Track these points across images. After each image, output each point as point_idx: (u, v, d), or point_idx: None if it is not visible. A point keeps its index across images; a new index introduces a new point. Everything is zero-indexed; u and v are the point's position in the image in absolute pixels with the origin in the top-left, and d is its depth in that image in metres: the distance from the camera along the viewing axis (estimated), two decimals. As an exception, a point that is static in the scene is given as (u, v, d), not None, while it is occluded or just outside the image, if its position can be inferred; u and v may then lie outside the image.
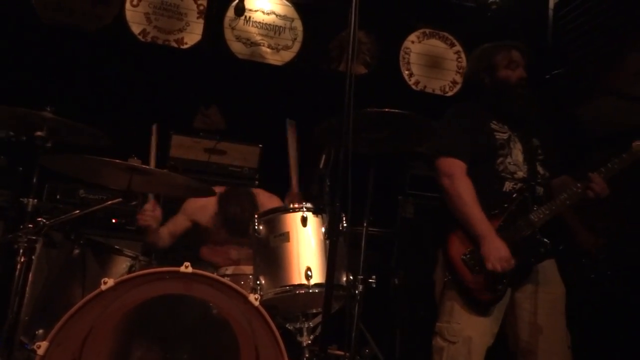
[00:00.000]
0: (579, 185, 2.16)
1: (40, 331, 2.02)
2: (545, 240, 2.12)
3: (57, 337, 1.53)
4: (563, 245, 2.64)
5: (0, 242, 2.78)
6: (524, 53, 2.32)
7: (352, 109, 1.57)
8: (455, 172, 2.20)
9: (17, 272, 1.96)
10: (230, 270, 2.39)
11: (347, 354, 2.05)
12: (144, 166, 1.91)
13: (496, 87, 2.29)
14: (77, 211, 2.04)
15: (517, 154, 2.25)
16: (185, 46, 4.05)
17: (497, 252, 2.05)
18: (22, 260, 1.97)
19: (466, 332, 2.10)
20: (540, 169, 2.27)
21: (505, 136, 2.26)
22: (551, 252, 2.19)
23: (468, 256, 2.14)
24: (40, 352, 1.50)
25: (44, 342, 1.51)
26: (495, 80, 2.29)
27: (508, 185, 2.21)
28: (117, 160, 1.89)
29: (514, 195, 2.18)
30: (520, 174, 2.22)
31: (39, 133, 2.10)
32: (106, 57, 3.86)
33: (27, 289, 1.96)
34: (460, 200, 2.16)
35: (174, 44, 4.04)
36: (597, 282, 2.99)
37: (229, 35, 4.14)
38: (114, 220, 3.44)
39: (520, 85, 2.26)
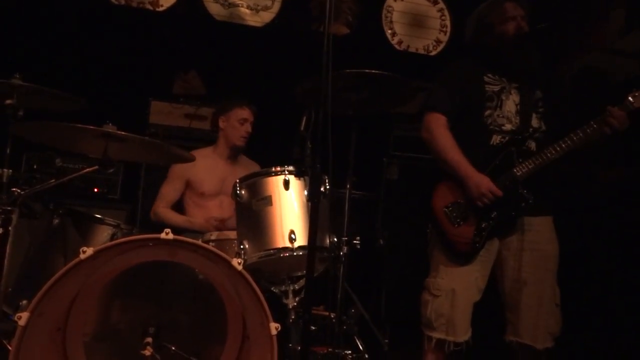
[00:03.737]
0: (591, 123, 2.07)
1: (24, 302, 1.97)
2: (527, 194, 2.12)
3: (39, 308, 1.51)
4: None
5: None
6: (518, 2, 2.25)
7: (330, 70, 1.53)
8: (433, 124, 2.23)
9: (-5, 244, 1.93)
10: (214, 235, 2.39)
11: (333, 315, 2.08)
12: (119, 132, 1.85)
13: (494, 44, 2.25)
14: (53, 180, 1.99)
15: (511, 105, 2.22)
16: (160, 9, 3.90)
17: (477, 189, 2.10)
18: (-1, 231, 1.94)
19: (450, 285, 2.14)
20: (535, 122, 2.23)
21: (496, 88, 2.24)
22: (546, 210, 2.20)
23: (450, 208, 2.17)
24: (22, 322, 1.48)
25: (25, 312, 1.50)
26: (493, 38, 2.25)
27: (496, 139, 2.20)
28: (91, 127, 1.83)
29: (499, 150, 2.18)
30: (508, 127, 2.21)
31: (8, 101, 2.03)
32: (78, 22, 3.70)
33: (6, 260, 1.93)
34: (438, 148, 2.20)
35: (149, 7, 3.89)
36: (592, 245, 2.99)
37: (206, -5, 3.99)
38: (95, 190, 3.40)
39: (519, 37, 2.20)
